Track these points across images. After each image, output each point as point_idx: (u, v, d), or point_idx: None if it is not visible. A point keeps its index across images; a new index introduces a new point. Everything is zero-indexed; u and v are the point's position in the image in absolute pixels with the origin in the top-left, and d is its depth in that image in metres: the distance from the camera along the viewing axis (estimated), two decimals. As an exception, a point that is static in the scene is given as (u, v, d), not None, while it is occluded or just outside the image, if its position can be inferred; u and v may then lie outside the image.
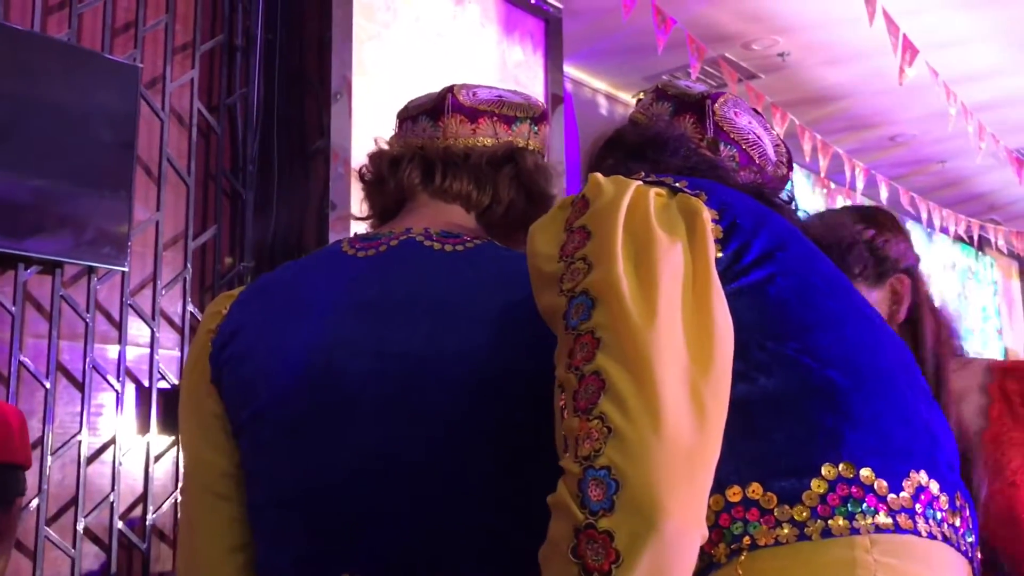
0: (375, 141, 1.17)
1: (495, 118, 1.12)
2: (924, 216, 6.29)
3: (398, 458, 0.92)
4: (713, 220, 0.84)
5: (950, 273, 7.32)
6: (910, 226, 6.72)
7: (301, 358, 0.97)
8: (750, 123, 1.11)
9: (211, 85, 3.07)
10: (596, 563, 0.68)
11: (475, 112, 1.12)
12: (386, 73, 3.11)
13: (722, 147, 1.07)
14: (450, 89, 1.14)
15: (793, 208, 1.07)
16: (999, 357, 7.60)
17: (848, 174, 5.44)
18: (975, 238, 7.24)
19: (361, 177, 1.16)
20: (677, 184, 0.87)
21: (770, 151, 1.11)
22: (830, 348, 0.82)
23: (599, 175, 0.86)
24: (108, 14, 2.78)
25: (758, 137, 1.10)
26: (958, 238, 7.19)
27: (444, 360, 0.93)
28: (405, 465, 0.92)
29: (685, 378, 0.73)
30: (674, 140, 1.03)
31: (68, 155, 2.57)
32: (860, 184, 5.55)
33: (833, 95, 5.14)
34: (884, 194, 5.80)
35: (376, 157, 1.14)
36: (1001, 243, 7.42)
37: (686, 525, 0.70)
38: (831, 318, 0.84)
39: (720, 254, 0.83)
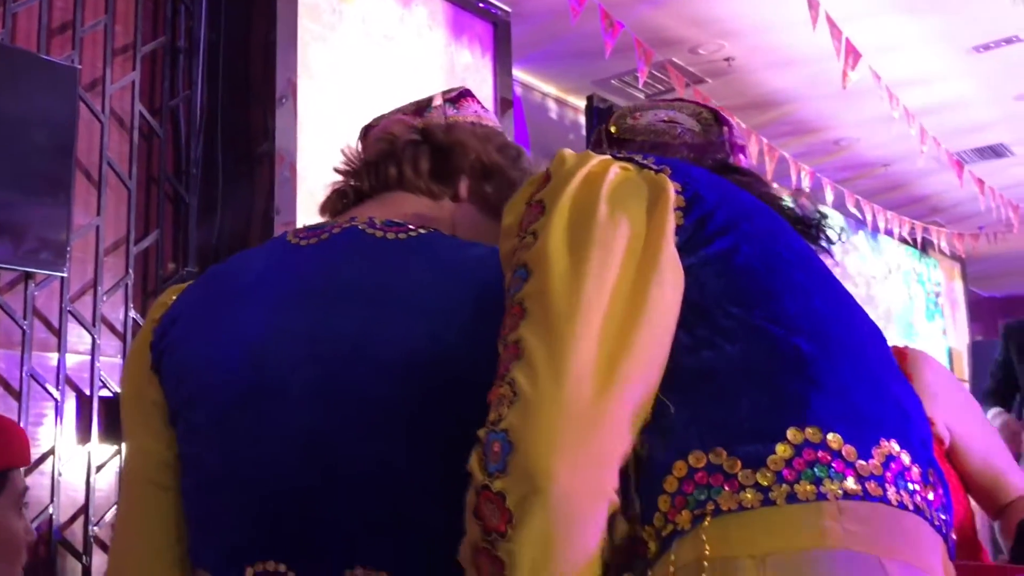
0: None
1: (405, 114, 1.16)
2: (869, 218, 6.39)
3: (325, 443, 0.91)
4: (676, 191, 0.85)
5: (895, 275, 7.44)
6: (856, 229, 6.83)
7: (235, 343, 0.97)
8: (656, 115, 1.14)
9: (153, 87, 3.01)
10: (493, 523, 0.71)
11: (382, 119, 1.17)
12: (332, 76, 3.08)
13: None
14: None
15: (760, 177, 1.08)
16: (944, 357, 7.75)
17: (794, 177, 5.51)
18: (919, 240, 7.37)
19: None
20: (644, 161, 0.88)
21: (690, 123, 1.14)
22: (797, 316, 0.81)
23: (567, 150, 0.87)
24: (44, 14, 2.72)
25: (667, 120, 1.13)
26: (902, 240, 7.31)
27: (376, 345, 0.92)
28: (332, 450, 0.91)
29: (600, 347, 0.74)
30: None
31: (4, 159, 2.50)
32: (806, 187, 5.62)
33: (779, 99, 5.20)
34: (830, 197, 5.88)
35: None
36: (944, 245, 7.55)
37: (576, 489, 0.70)
38: (798, 288, 0.84)
39: (682, 222, 0.83)
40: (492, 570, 0.72)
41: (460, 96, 1.19)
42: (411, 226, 1.02)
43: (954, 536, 0.83)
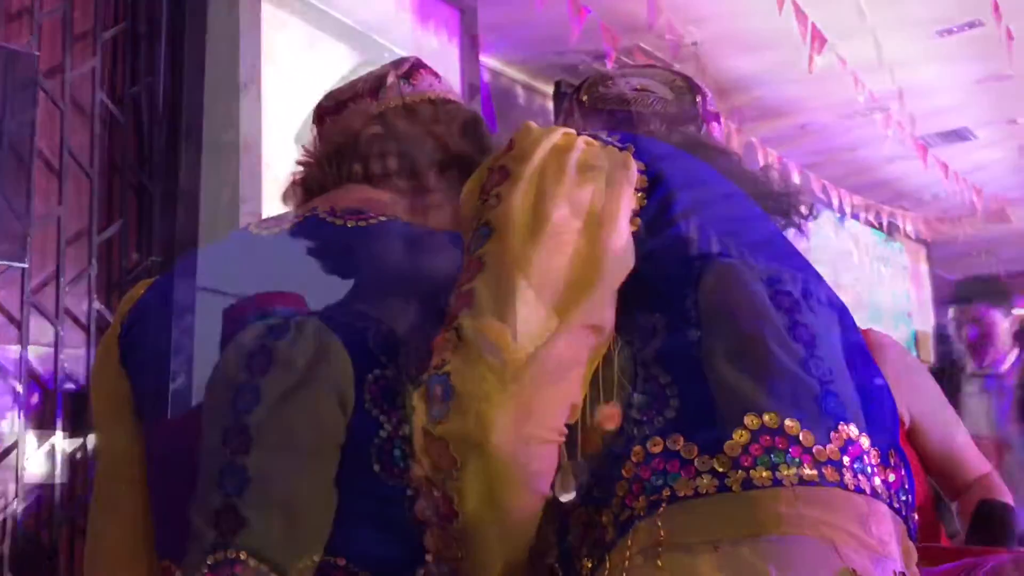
0: None
1: (360, 98, 1.14)
2: (835, 203, 6.44)
3: (279, 430, 0.91)
4: (639, 171, 0.85)
5: (862, 259, 7.51)
6: (823, 212, 6.88)
7: (194, 334, 0.99)
8: (628, 83, 1.14)
9: (114, 74, 2.97)
10: (440, 463, 0.73)
11: (339, 105, 1.15)
12: (297, 62, 3.04)
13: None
14: (315, 106, 1.18)
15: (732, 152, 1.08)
16: (910, 340, 7.83)
17: (761, 162, 5.53)
18: (884, 224, 7.44)
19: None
20: (609, 138, 0.89)
21: (662, 91, 1.13)
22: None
23: (531, 122, 0.88)
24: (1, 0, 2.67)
25: (639, 88, 1.13)
26: (868, 224, 7.37)
27: (334, 329, 0.92)
28: (284, 437, 0.91)
29: (552, 302, 0.75)
30: None
31: (-39, 148, 2.46)
32: (773, 172, 5.65)
33: (745, 84, 5.22)
34: (797, 181, 5.91)
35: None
36: (909, 229, 7.62)
37: (516, 435, 0.72)
38: (761, 272, 0.84)
39: (644, 203, 0.84)
40: (442, 500, 0.74)
41: (412, 69, 1.17)
42: (372, 213, 1.03)
43: (916, 516, 0.84)
